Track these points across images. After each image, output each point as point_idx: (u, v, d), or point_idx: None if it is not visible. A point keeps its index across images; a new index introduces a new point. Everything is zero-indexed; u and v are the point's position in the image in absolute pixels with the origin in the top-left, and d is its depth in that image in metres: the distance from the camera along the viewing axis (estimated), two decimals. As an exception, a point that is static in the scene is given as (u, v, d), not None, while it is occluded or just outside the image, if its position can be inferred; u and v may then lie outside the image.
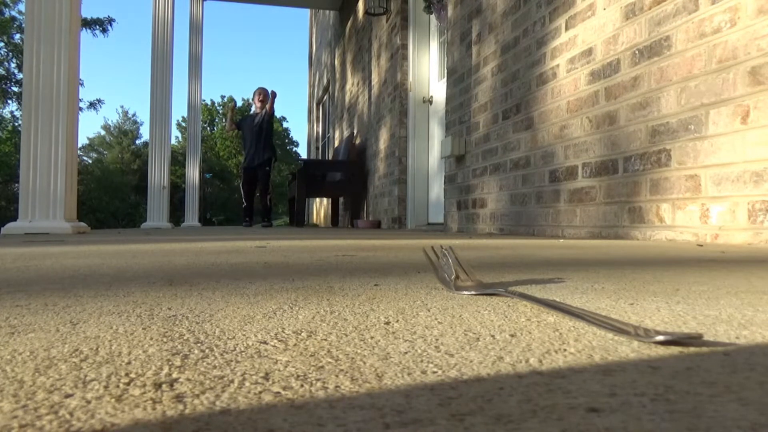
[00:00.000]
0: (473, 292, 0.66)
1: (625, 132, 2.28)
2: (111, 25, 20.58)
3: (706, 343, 0.41)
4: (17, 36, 19.88)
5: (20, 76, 17.67)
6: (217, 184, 37.01)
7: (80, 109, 16.75)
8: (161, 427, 0.25)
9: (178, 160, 19.14)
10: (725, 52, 1.80)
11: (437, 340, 0.42)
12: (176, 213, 9.17)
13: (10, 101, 21.77)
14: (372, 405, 0.27)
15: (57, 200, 3.61)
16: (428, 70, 5.54)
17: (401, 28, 5.58)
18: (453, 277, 0.71)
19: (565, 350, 0.39)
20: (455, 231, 4.01)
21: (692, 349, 0.39)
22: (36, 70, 3.59)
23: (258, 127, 6.95)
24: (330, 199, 8.89)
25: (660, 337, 0.40)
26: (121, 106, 60.22)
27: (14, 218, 3.67)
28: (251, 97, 7.29)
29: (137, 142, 39.43)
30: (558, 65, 2.79)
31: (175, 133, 33.01)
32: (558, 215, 2.77)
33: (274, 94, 6.99)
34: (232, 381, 0.32)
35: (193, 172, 8.82)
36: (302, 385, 0.31)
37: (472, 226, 3.78)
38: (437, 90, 5.23)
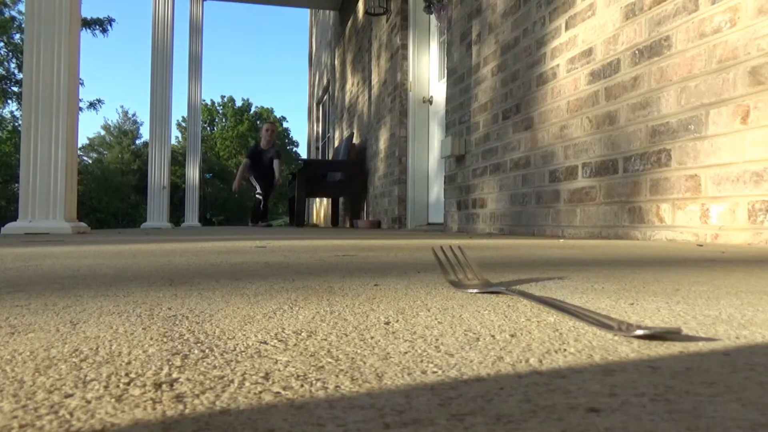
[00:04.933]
0: (476, 291, 0.67)
1: (625, 132, 2.28)
2: (111, 25, 20.56)
3: (690, 338, 0.42)
4: (17, 36, 19.87)
5: (20, 76, 17.66)
6: (217, 184, 37.00)
7: (80, 109, 16.76)
8: (161, 427, 0.25)
9: (178, 160, 19.12)
10: (725, 52, 1.80)
11: (437, 340, 0.42)
12: (176, 213, 9.16)
13: (10, 101, 21.77)
14: (372, 405, 0.27)
15: (57, 200, 3.61)
16: (428, 70, 5.53)
17: (401, 28, 5.58)
18: (459, 275, 0.71)
19: (565, 350, 0.39)
20: (455, 231, 4.01)
21: (692, 349, 0.39)
22: (36, 70, 3.59)
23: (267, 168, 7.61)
24: (330, 199, 8.89)
25: (639, 332, 0.41)
26: (121, 106, 60.19)
27: (14, 218, 3.67)
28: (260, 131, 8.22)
29: (137, 142, 39.40)
30: (558, 65, 2.79)
31: (175, 133, 33.02)
32: (558, 215, 2.77)
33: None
34: (232, 381, 0.32)
35: (193, 172, 8.82)
36: (302, 385, 0.31)
37: (472, 226, 3.78)
38: (437, 90, 5.23)
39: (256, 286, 0.74)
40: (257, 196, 7.79)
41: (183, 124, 28.79)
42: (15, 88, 20.86)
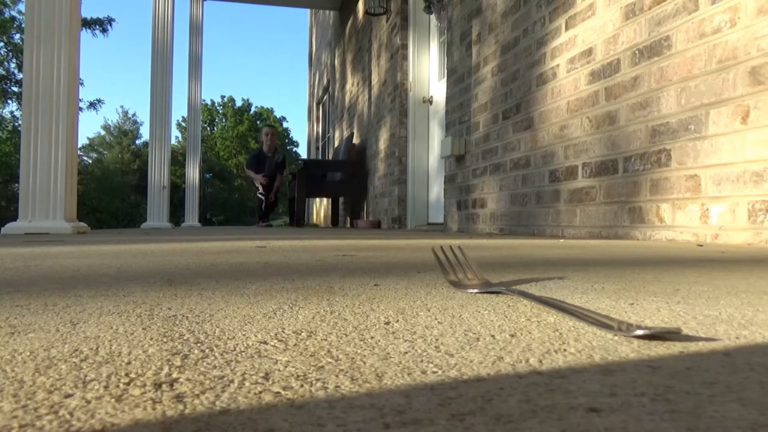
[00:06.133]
0: (476, 291, 0.67)
1: (625, 132, 2.28)
2: (111, 25, 20.56)
3: (690, 338, 0.42)
4: (17, 36, 19.86)
5: (20, 76, 17.64)
6: (217, 184, 36.99)
7: (80, 109, 16.74)
8: (161, 427, 0.25)
9: (178, 160, 19.11)
10: (725, 52, 1.80)
11: (437, 340, 0.42)
12: (176, 213, 9.16)
13: (10, 101, 21.76)
14: (372, 405, 0.27)
15: (57, 200, 3.61)
16: (428, 70, 5.53)
17: (401, 28, 5.58)
18: (459, 275, 0.71)
19: (565, 350, 0.39)
20: (455, 231, 4.01)
21: (692, 349, 0.39)
22: (36, 70, 3.59)
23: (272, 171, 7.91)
24: (330, 199, 8.89)
25: (639, 332, 0.42)
26: (121, 106, 60.18)
27: (14, 218, 3.67)
28: (261, 136, 8.35)
29: (137, 142, 39.39)
30: (558, 65, 2.79)
31: (175, 133, 33.01)
32: (558, 215, 2.77)
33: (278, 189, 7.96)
34: (232, 381, 0.32)
35: (193, 172, 8.82)
36: (302, 385, 0.31)
37: (472, 226, 3.78)
38: (437, 90, 5.23)
39: (256, 286, 0.74)
40: (259, 195, 7.90)
41: (183, 124, 28.76)
42: (15, 88, 20.84)
